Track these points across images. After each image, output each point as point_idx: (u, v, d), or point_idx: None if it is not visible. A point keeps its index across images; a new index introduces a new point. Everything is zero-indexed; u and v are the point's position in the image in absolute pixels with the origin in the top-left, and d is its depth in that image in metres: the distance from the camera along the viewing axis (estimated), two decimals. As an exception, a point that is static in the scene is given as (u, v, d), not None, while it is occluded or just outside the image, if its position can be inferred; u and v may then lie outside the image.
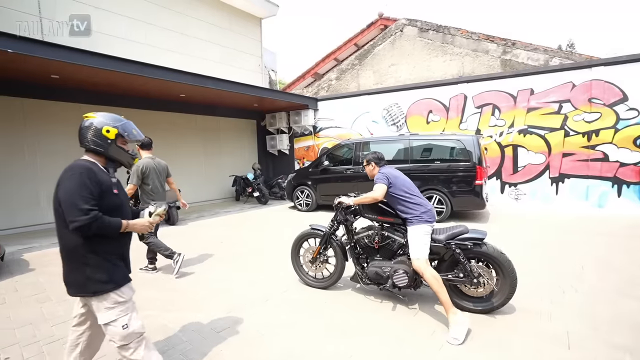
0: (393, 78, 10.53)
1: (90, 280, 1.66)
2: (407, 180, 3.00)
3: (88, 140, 1.78)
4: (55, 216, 1.69)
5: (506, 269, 2.68)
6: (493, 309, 2.79)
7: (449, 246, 2.76)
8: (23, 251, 5.21)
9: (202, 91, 8.17)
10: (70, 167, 1.68)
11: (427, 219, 2.82)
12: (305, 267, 3.63)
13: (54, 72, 6.13)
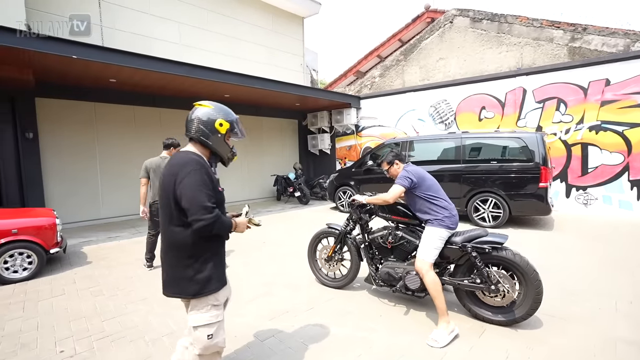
0: (441, 73, 9.90)
1: (192, 281, 1.58)
2: (434, 181, 2.86)
3: (198, 131, 1.66)
4: (162, 213, 1.61)
5: (529, 277, 2.45)
6: (515, 321, 2.57)
7: (465, 249, 2.60)
8: (83, 244, 5.55)
9: (246, 91, 8.26)
10: (184, 161, 1.57)
11: (449, 224, 2.67)
12: (321, 266, 3.60)
13: (111, 76, 6.50)
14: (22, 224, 3.97)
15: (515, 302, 2.57)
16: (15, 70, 5.63)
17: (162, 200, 1.60)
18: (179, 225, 1.56)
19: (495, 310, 2.66)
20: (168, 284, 1.63)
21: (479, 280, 2.60)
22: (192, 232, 1.54)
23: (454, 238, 2.69)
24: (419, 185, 2.76)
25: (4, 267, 3.85)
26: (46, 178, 6.85)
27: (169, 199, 1.56)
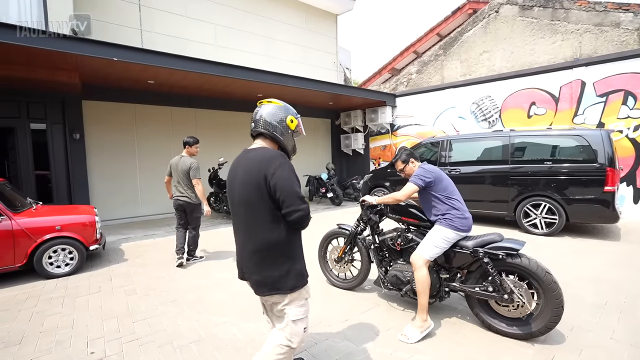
0: (485, 67, 9.23)
1: (288, 276, 1.58)
2: (450, 181, 2.74)
3: (271, 127, 1.67)
4: (249, 211, 1.56)
5: (547, 288, 2.25)
6: (531, 335, 2.36)
7: (477, 255, 2.44)
8: (121, 241, 5.71)
9: (280, 90, 8.18)
10: (270, 155, 1.57)
11: (458, 225, 2.54)
12: (331, 267, 3.55)
13: (150, 78, 6.67)
14: (65, 221, 4.11)
15: (532, 314, 2.37)
16: (64, 75, 5.92)
17: (246, 202, 1.56)
18: (273, 222, 1.55)
19: (510, 322, 2.46)
20: (262, 284, 1.59)
21: (491, 289, 2.42)
22: (285, 226, 1.56)
23: (465, 242, 2.54)
24: (435, 184, 2.65)
25: (49, 262, 3.99)
26: (91, 177, 7.18)
27: (260, 197, 1.53)
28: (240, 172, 1.61)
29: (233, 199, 1.64)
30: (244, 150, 1.71)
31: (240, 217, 1.61)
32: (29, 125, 6.70)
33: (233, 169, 1.68)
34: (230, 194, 1.66)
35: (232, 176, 1.67)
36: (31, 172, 6.74)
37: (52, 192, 6.91)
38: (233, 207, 1.65)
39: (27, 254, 3.85)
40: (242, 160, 1.65)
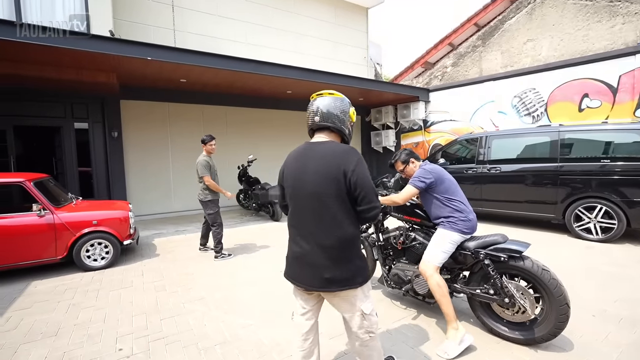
0: (529, 57, 8.55)
1: (359, 270, 1.59)
2: (452, 182, 2.62)
3: (338, 119, 1.64)
4: (324, 206, 1.52)
5: (552, 292, 2.15)
6: (534, 341, 2.28)
7: (478, 256, 2.37)
8: (154, 236, 5.86)
9: (309, 86, 8.06)
10: (345, 150, 1.55)
11: (462, 228, 2.47)
12: None
13: (182, 77, 6.80)
14: (101, 216, 4.24)
15: (536, 319, 2.28)
16: (104, 76, 6.17)
17: (322, 196, 1.51)
18: (349, 217, 1.54)
19: (513, 326, 2.38)
20: (335, 280, 1.54)
21: (493, 291, 2.36)
22: (357, 221, 1.57)
23: (467, 243, 2.48)
24: (436, 185, 2.56)
25: (87, 255, 4.14)
26: (128, 173, 7.47)
27: (338, 192, 1.50)
28: (312, 166, 1.55)
29: (299, 192, 1.58)
30: (307, 143, 1.65)
31: (309, 212, 1.55)
32: (73, 125, 7.08)
33: (299, 162, 1.61)
34: (296, 187, 1.59)
35: (297, 169, 1.60)
36: (75, 168, 7.13)
37: (93, 187, 7.27)
38: (298, 201, 1.59)
39: (67, 246, 4.02)
40: (310, 153, 1.58)
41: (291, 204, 1.63)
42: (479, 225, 6.08)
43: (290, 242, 1.65)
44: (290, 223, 1.65)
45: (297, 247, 1.60)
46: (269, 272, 3.96)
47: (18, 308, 3.14)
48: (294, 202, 1.61)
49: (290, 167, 1.65)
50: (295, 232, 1.62)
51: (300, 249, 1.58)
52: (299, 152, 1.64)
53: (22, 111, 6.59)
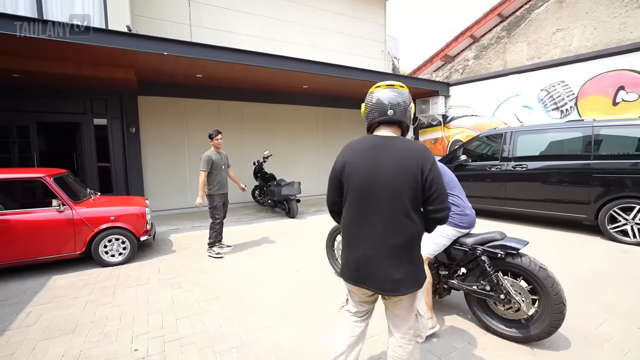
0: (559, 48, 8.10)
1: (421, 269, 1.56)
2: (452, 177, 2.62)
3: (407, 114, 1.59)
4: (398, 203, 1.46)
5: (547, 290, 2.15)
6: (530, 339, 2.28)
7: (475, 252, 2.38)
8: (170, 232, 5.88)
9: (325, 81, 7.91)
10: (421, 148, 1.51)
11: (457, 222, 2.46)
12: (337, 257, 3.58)
13: (198, 72, 6.77)
14: (118, 212, 4.24)
15: (532, 317, 2.29)
16: (122, 72, 6.20)
17: (396, 193, 1.45)
18: (418, 216, 1.50)
19: (509, 324, 2.39)
20: (404, 281, 1.48)
21: (489, 288, 2.37)
22: (422, 221, 1.52)
23: (465, 239, 2.48)
24: None
25: (104, 251, 4.16)
26: (145, 168, 7.54)
27: (414, 190, 1.45)
28: (389, 162, 1.46)
29: (370, 190, 1.48)
30: (376, 137, 1.55)
31: (380, 210, 1.46)
32: (92, 121, 7.18)
33: (369, 158, 1.50)
34: (366, 185, 1.49)
35: (369, 165, 1.49)
36: (95, 164, 7.24)
37: (112, 182, 7.37)
38: (367, 199, 1.49)
39: (85, 242, 4.04)
40: (384, 149, 1.50)
41: (355, 202, 1.51)
42: (501, 224, 5.88)
43: (351, 244, 1.54)
44: (351, 223, 1.53)
45: (360, 248, 1.50)
46: (285, 272, 3.87)
47: (38, 303, 3.16)
48: (360, 200, 1.50)
49: (357, 163, 1.51)
50: (357, 232, 1.51)
51: (366, 251, 1.49)
52: (367, 146, 1.52)
53: (44, 108, 6.71)
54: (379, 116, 1.54)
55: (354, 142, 1.59)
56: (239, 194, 8.72)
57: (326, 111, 10.26)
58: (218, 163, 4.54)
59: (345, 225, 1.56)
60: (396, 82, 1.58)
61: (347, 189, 1.54)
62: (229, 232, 5.78)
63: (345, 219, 1.56)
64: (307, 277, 3.67)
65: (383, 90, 1.55)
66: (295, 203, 6.89)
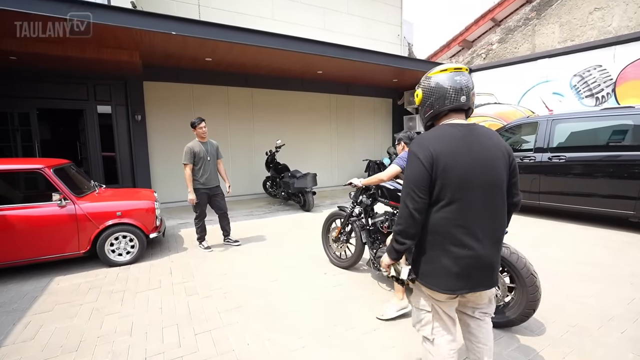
0: (596, 29, 7.50)
1: None
2: None
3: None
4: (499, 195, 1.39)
5: (524, 280, 2.21)
6: (508, 324, 2.33)
7: None
8: (180, 226, 5.51)
9: (340, 66, 7.42)
10: (499, 136, 1.47)
11: None
12: (332, 246, 3.70)
13: (208, 55, 6.30)
14: (125, 206, 3.87)
15: (508, 303, 2.36)
16: (126, 54, 5.75)
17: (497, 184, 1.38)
18: (506, 206, 1.45)
19: None
20: (494, 276, 1.43)
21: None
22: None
23: None
24: None
25: (111, 249, 3.80)
26: (151, 158, 7.15)
27: (507, 176, 1.42)
28: (484, 152, 1.36)
29: (472, 183, 1.33)
30: (457, 126, 1.39)
31: (482, 204, 1.34)
32: (96, 107, 6.76)
33: (462, 147, 1.35)
34: (467, 177, 1.33)
35: (466, 155, 1.34)
36: (99, 153, 6.86)
37: (118, 173, 7.00)
38: (468, 193, 1.33)
39: (90, 240, 3.67)
40: (473, 137, 1.38)
41: (458, 198, 1.33)
42: (533, 220, 5.42)
43: (450, 245, 1.34)
44: (454, 223, 1.34)
45: (465, 248, 1.33)
46: (311, 273, 3.49)
47: (38, 311, 2.81)
48: (461, 195, 1.33)
49: (453, 155, 1.33)
50: (460, 231, 1.33)
51: (472, 250, 1.34)
52: (457, 137, 1.37)
53: (45, 93, 6.30)
54: (451, 103, 1.39)
55: (433, 134, 1.40)
56: (249, 184, 8.35)
57: (339, 99, 9.76)
58: (201, 155, 4.18)
59: (443, 226, 1.35)
60: (457, 65, 1.45)
61: (443, 185, 1.33)
62: (241, 227, 5.42)
63: (445, 219, 1.34)
64: (335, 281, 3.29)
65: (452, 74, 1.40)
66: (312, 196, 6.49)
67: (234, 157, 8.12)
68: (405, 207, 1.35)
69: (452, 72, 1.41)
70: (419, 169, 1.34)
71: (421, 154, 1.34)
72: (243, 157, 8.27)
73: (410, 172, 1.36)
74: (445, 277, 1.35)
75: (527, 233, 4.79)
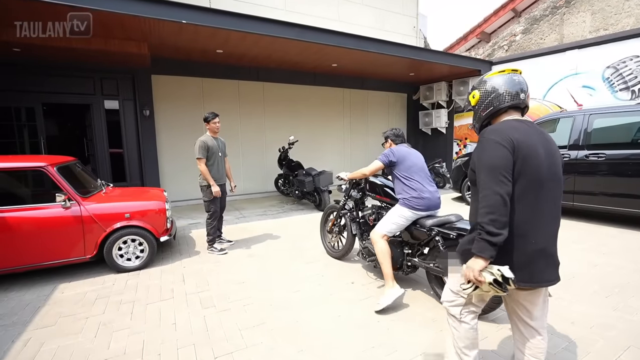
0: (632, 17, 7.02)
1: None
2: (414, 163, 2.83)
3: None
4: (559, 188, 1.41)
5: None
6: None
7: (431, 233, 2.59)
8: (191, 227, 5.24)
9: (356, 59, 7.06)
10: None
11: (414, 205, 2.69)
12: (327, 237, 3.88)
13: (219, 46, 5.99)
14: (134, 207, 3.58)
15: None
16: (134, 46, 5.47)
17: (558, 177, 1.40)
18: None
19: None
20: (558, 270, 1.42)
21: (442, 266, 2.53)
22: None
23: (425, 220, 2.67)
24: (397, 164, 2.82)
25: (119, 254, 3.52)
26: (160, 155, 6.89)
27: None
28: (548, 146, 1.39)
29: (545, 177, 1.34)
30: (523, 121, 1.44)
31: (550, 198, 1.36)
32: (103, 102, 6.50)
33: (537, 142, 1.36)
34: (542, 171, 1.34)
35: (542, 149, 1.36)
36: (106, 150, 6.61)
37: (125, 170, 6.75)
38: (542, 187, 1.34)
39: (97, 244, 3.40)
40: (537, 132, 1.41)
41: (532, 190, 1.33)
42: (568, 222, 5.02)
43: (531, 230, 1.33)
44: (527, 216, 1.33)
45: (542, 237, 1.34)
46: (336, 283, 3.17)
47: (40, 325, 2.54)
48: (538, 188, 1.33)
49: (531, 146, 1.33)
50: (535, 220, 1.34)
51: (546, 240, 1.36)
52: (529, 129, 1.39)
53: (50, 87, 6.05)
54: (512, 100, 1.45)
55: (507, 126, 1.39)
56: (261, 182, 8.06)
57: (353, 93, 9.40)
58: (214, 150, 3.95)
59: (518, 218, 1.32)
60: (514, 67, 1.54)
61: (521, 176, 1.32)
62: (256, 228, 5.13)
63: (519, 211, 1.32)
64: (365, 292, 2.97)
65: (509, 75, 1.49)
66: (327, 194, 6.17)
67: (245, 153, 7.82)
68: (496, 193, 1.26)
69: (510, 73, 1.49)
70: (503, 152, 1.30)
71: (503, 140, 1.31)
72: (255, 153, 7.97)
73: (494, 156, 1.30)
74: (524, 270, 1.32)
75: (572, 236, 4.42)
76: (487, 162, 1.31)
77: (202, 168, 3.86)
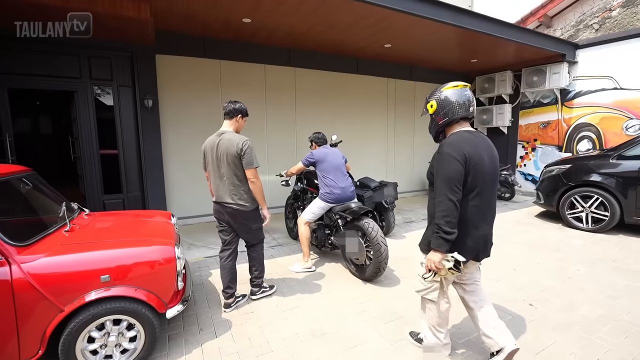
0: None
1: None
2: (331, 164, 3.40)
3: None
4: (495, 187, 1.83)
5: (374, 246, 2.96)
6: (366, 279, 3.17)
7: (334, 217, 3.32)
8: (208, 263, 3.56)
9: (418, 37, 5.50)
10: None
11: (327, 198, 3.34)
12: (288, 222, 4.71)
13: (247, 13, 4.40)
14: (117, 260, 1.97)
15: (367, 263, 3.13)
16: (132, 7, 3.89)
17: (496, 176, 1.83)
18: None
19: (356, 268, 3.28)
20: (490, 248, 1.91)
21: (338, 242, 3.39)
22: None
23: (336, 208, 3.32)
24: (317, 164, 3.44)
25: (89, 350, 1.92)
26: (166, 158, 5.32)
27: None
28: (491, 153, 1.77)
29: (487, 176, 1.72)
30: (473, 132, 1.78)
31: (492, 193, 1.78)
32: (91, 89, 4.92)
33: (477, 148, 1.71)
34: (485, 171, 1.71)
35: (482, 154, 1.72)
36: (96, 151, 5.03)
37: (121, 178, 5.18)
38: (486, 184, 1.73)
39: (45, 336, 1.80)
40: (482, 142, 1.77)
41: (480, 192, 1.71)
42: None
43: (479, 222, 1.74)
44: (476, 211, 1.72)
45: (485, 226, 1.77)
46: None
47: None
48: (484, 190, 1.72)
49: (479, 156, 1.69)
50: (482, 214, 1.74)
51: (487, 230, 1.79)
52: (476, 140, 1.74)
53: (19, 67, 4.48)
54: (463, 112, 1.75)
55: (460, 138, 1.71)
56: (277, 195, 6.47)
57: (399, 85, 7.78)
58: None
59: (470, 213, 1.70)
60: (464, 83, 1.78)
61: (472, 181, 1.68)
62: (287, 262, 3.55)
63: (471, 208, 1.70)
64: None
65: (462, 89, 1.77)
66: (393, 214, 4.54)
67: (271, 156, 6.21)
68: (449, 200, 1.61)
69: (462, 88, 1.77)
70: (457, 166, 1.64)
71: (457, 155, 1.64)
72: (284, 155, 6.36)
73: (449, 169, 1.64)
74: (470, 249, 1.73)
75: None
76: (444, 174, 1.65)
77: (260, 184, 2.65)
